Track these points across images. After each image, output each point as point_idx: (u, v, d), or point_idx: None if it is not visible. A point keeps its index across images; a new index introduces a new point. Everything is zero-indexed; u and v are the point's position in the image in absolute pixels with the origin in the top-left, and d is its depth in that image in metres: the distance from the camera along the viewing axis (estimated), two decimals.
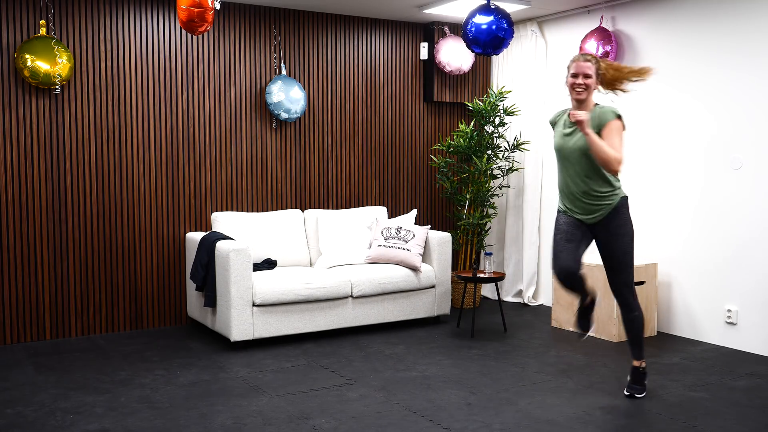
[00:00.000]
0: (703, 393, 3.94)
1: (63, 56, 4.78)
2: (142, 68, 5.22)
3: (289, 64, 5.74)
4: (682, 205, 5.14)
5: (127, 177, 5.21)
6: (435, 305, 5.49)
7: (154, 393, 3.92)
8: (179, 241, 5.42)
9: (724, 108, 4.86)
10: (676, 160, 5.17)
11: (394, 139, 6.25)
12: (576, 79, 3.75)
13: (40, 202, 4.95)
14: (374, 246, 5.45)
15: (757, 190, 4.70)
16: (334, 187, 6.00)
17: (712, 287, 4.97)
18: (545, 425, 3.47)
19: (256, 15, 5.61)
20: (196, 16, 4.19)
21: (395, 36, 6.20)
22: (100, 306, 5.19)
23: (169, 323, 5.45)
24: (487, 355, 4.69)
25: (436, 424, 3.47)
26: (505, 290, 6.47)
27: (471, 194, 5.99)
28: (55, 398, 3.83)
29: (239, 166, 5.59)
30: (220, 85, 5.50)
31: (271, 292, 4.80)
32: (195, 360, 4.56)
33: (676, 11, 5.14)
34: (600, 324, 5.11)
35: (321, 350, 4.78)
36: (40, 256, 4.98)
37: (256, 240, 5.27)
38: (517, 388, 4.01)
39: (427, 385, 4.05)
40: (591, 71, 3.74)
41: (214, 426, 3.43)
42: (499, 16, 4.87)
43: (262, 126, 5.67)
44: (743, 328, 4.80)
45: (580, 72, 3.74)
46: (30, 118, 4.89)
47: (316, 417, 3.56)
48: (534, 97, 6.19)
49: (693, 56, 5.04)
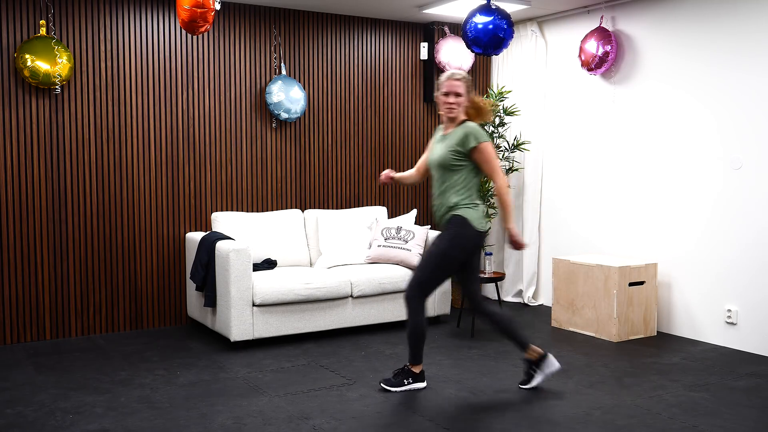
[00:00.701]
0: (703, 393, 3.94)
1: (63, 56, 4.78)
2: (142, 68, 5.22)
3: (289, 64, 5.74)
4: (682, 205, 5.14)
5: (127, 177, 5.21)
6: (435, 305, 5.49)
7: (154, 393, 3.92)
8: (179, 241, 5.42)
9: (724, 108, 4.86)
10: (676, 160, 5.17)
11: (394, 139, 6.25)
12: (447, 98, 3.84)
13: (40, 202, 4.95)
14: (374, 246, 5.46)
15: (757, 190, 4.70)
16: (334, 187, 6.00)
17: (712, 287, 4.97)
18: (545, 425, 3.47)
19: (256, 15, 5.61)
20: (198, 16, 4.19)
21: (395, 36, 6.20)
22: (100, 306, 5.19)
23: (169, 323, 5.45)
24: (487, 355, 4.69)
25: (436, 424, 3.47)
26: (505, 290, 6.47)
27: None
28: (55, 398, 3.83)
29: (239, 166, 5.59)
30: (220, 85, 5.50)
31: (271, 292, 4.80)
32: (195, 360, 4.56)
33: (676, 11, 5.14)
34: (600, 324, 5.11)
35: (321, 350, 4.78)
36: (40, 256, 4.98)
37: (256, 240, 5.27)
38: (517, 388, 4.01)
39: (427, 385, 4.05)
40: (462, 90, 3.83)
41: (214, 426, 3.43)
42: (499, 17, 4.87)
43: (262, 126, 5.67)
44: (743, 328, 4.80)
45: (451, 91, 3.83)
46: (30, 118, 4.89)
47: (316, 417, 3.56)
48: (534, 97, 6.19)
49: (693, 56, 5.04)
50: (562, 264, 5.38)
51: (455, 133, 3.84)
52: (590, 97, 5.79)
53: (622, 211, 5.56)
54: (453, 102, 3.83)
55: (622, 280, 5.00)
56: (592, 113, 5.78)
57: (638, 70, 5.40)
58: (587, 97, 5.82)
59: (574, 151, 5.94)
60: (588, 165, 5.83)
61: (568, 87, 5.98)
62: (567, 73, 5.99)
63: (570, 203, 6.00)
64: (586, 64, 5.52)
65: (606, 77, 5.64)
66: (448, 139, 3.86)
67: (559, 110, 6.08)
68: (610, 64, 5.45)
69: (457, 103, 3.83)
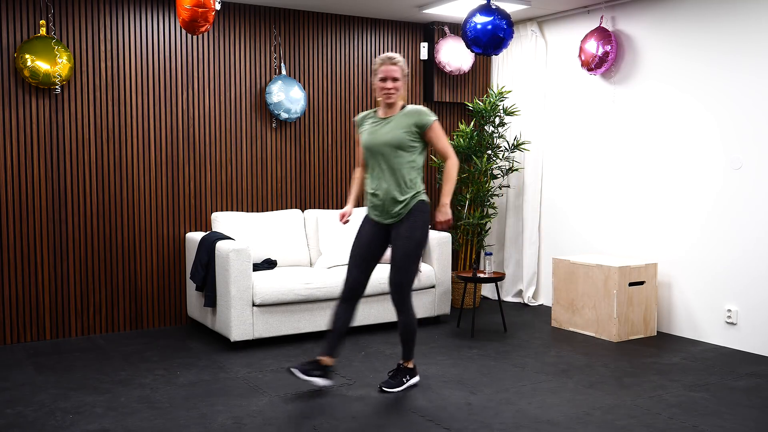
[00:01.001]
0: (703, 393, 3.94)
1: (63, 56, 4.78)
2: (142, 68, 5.22)
3: (289, 64, 5.74)
4: (682, 205, 5.14)
5: (127, 177, 5.21)
6: (435, 305, 5.49)
7: (154, 393, 3.92)
8: (179, 241, 5.42)
9: (724, 108, 4.86)
10: (676, 160, 5.17)
11: None
12: (384, 83, 3.78)
13: (40, 202, 4.95)
14: None
15: (757, 190, 4.70)
16: (334, 187, 6.00)
17: (712, 287, 4.97)
18: (545, 425, 3.47)
19: (256, 15, 5.61)
20: (199, 16, 4.19)
21: (395, 36, 6.20)
22: (100, 306, 5.19)
23: (169, 323, 5.45)
24: (487, 355, 4.69)
25: (436, 424, 3.47)
26: (505, 290, 6.47)
27: (471, 194, 5.99)
28: (55, 398, 3.83)
29: (239, 166, 5.59)
30: (220, 85, 5.50)
31: (271, 292, 4.80)
32: (195, 360, 4.56)
33: (676, 11, 5.14)
34: (600, 324, 5.11)
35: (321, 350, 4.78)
36: (40, 256, 4.98)
37: (256, 240, 5.27)
38: (517, 388, 4.01)
39: (427, 385, 4.05)
40: (398, 74, 3.77)
41: (214, 426, 3.43)
42: (498, 16, 4.87)
43: (262, 126, 5.67)
44: (743, 328, 4.80)
45: (388, 76, 3.77)
46: (30, 118, 4.89)
47: (316, 417, 3.56)
48: (534, 97, 6.19)
49: (693, 56, 5.04)
50: (562, 264, 5.38)
51: (404, 114, 3.80)
52: (590, 97, 5.79)
53: (622, 211, 5.56)
54: (391, 87, 3.77)
55: (622, 280, 5.00)
56: (592, 113, 5.78)
57: (638, 70, 5.40)
58: (587, 97, 5.82)
59: (574, 151, 5.94)
60: (588, 165, 5.83)
61: (568, 87, 5.98)
62: (567, 73, 5.99)
63: (570, 203, 6.00)
64: (586, 64, 5.52)
65: (606, 77, 5.64)
66: (396, 121, 3.79)
67: (559, 110, 6.09)
68: (610, 64, 5.45)
69: (395, 87, 3.77)
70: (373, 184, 3.86)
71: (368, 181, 3.90)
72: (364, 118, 3.96)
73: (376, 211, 3.87)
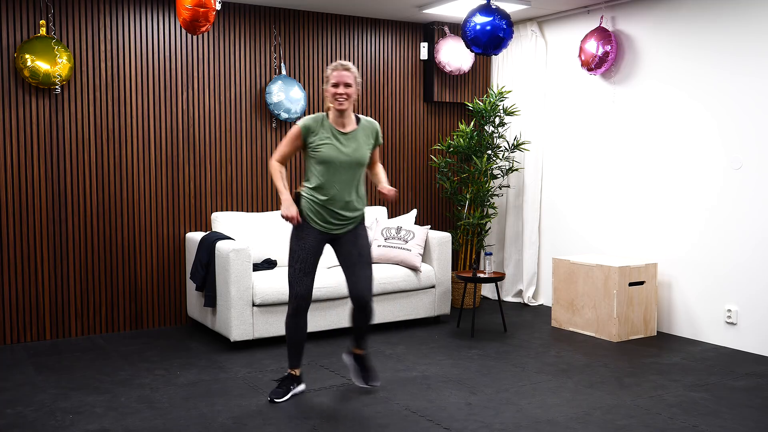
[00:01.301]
0: (703, 393, 3.94)
1: (63, 56, 4.78)
2: (142, 68, 5.22)
3: (289, 64, 5.74)
4: (682, 205, 5.14)
5: (127, 177, 5.21)
6: (435, 305, 5.49)
7: (154, 393, 3.92)
8: (179, 241, 5.42)
9: (724, 108, 4.86)
10: (676, 160, 5.17)
11: (394, 139, 6.25)
12: (337, 89, 3.69)
13: (40, 202, 4.95)
14: (374, 246, 5.45)
15: (757, 190, 4.70)
16: None
17: (712, 287, 4.97)
18: (545, 425, 3.47)
19: (256, 15, 5.61)
20: (200, 16, 4.20)
21: (395, 36, 6.20)
22: (100, 306, 5.19)
23: (169, 323, 5.45)
24: (487, 355, 4.69)
25: (436, 424, 3.47)
26: (505, 290, 6.47)
27: (471, 194, 5.99)
28: (55, 398, 3.83)
29: (239, 166, 5.59)
30: (220, 85, 5.50)
31: (271, 292, 4.80)
32: (195, 360, 4.56)
33: (676, 11, 5.14)
34: (600, 324, 5.11)
35: (321, 350, 4.78)
36: (40, 256, 4.98)
37: (256, 240, 5.27)
38: (517, 388, 4.01)
39: (427, 385, 4.05)
40: (351, 80, 3.70)
41: (214, 426, 3.43)
42: (498, 16, 4.87)
43: (262, 126, 5.67)
44: (743, 328, 4.80)
45: (340, 81, 3.69)
46: (30, 118, 4.89)
47: (316, 417, 3.56)
48: (534, 97, 6.19)
49: (693, 56, 5.04)
50: (562, 264, 5.38)
51: (364, 128, 3.80)
52: (590, 97, 5.79)
53: (622, 211, 5.56)
54: (343, 92, 3.68)
55: (622, 280, 5.00)
56: (592, 113, 5.78)
57: (638, 70, 5.40)
58: (587, 97, 5.82)
59: (574, 151, 5.94)
60: (588, 165, 5.83)
61: (568, 87, 5.98)
62: (567, 73, 5.99)
63: (570, 203, 6.00)
64: (586, 64, 5.52)
65: (606, 77, 5.64)
66: (361, 138, 3.77)
67: (559, 110, 6.09)
68: (610, 64, 5.45)
69: (347, 93, 3.69)
70: (329, 194, 3.74)
71: (314, 191, 3.77)
72: (317, 126, 3.75)
73: (325, 222, 3.77)
